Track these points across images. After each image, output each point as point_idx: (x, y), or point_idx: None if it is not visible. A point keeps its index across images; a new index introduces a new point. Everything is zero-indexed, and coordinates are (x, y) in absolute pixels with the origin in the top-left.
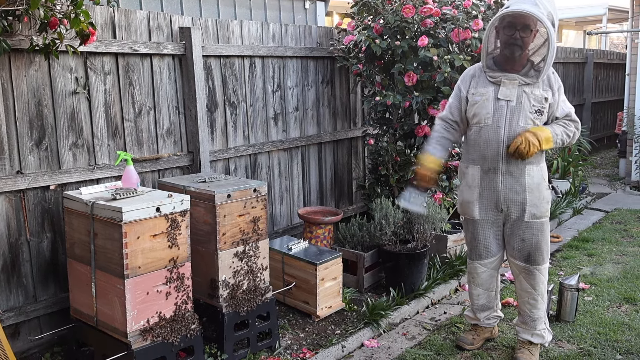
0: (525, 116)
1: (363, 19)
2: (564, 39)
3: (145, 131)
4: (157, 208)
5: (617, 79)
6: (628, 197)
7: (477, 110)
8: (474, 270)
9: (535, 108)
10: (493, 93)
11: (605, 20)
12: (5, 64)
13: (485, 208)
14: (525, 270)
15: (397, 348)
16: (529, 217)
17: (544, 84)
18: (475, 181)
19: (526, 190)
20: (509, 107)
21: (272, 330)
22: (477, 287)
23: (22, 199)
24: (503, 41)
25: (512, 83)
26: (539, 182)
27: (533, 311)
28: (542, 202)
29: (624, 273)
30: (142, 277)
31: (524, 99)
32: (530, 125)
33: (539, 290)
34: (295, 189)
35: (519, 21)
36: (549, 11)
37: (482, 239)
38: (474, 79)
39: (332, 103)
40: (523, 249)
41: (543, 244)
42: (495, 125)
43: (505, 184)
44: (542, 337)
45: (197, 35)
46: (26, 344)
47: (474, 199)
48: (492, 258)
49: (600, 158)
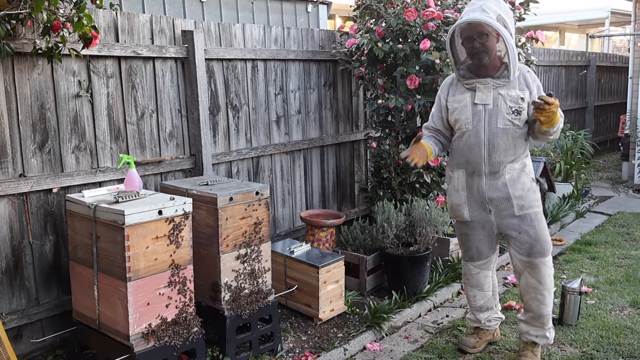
0: (503, 118)
1: (365, 22)
2: (567, 42)
3: (148, 134)
4: (160, 211)
5: (619, 82)
6: (631, 200)
7: (457, 116)
8: (468, 271)
9: (512, 109)
10: (470, 99)
11: (608, 24)
12: (8, 67)
13: (473, 210)
14: (529, 265)
15: (399, 351)
16: (518, 210)
17: (521, 84)
18: (461, 184)
19: (507, 184)
20: (486, 111)
21: (274, 333)
22: (473, 288)
23: (25, 201)
24: (468, 53)
25: (486, 87)
26: (519, 176)
27: (541, 307)
28: (528, 193)
29: (626, 276)
30: (144, 280)
31: (500, 101)
32: (509, 127)
33: (546, 284)
34: (298, 192)
35: (472, 31)
36: (498, 14)
37: (473, 240)
38: (451, 87)
39: (335, 106)
40: (523, 242)
41: (542, 234)
42: (476, 129)
43: (489, 184)
44: (546, 338)
45: (200, 39)
46: (29, 346)
47: (462, 202)
48: (484, 260)
49: (603, 161)
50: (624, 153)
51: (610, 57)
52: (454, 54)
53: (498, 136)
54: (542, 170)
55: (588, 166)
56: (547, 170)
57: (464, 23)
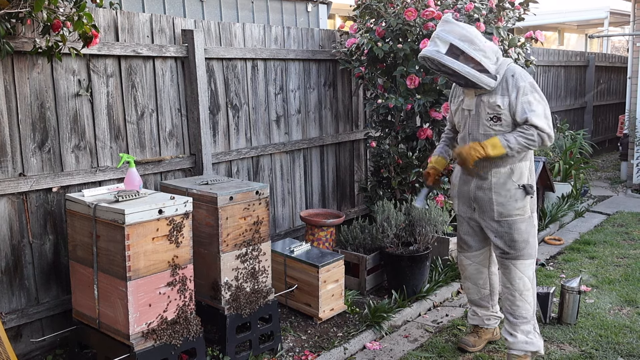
0: (482, 124)
1: (365, 21)
2: (566, 42)
3: (148, 133)
4: (160, 210)
5: (618, 82)
6: (629, 200)
7: (455, 117)
8: (461, 262)
9: (490, 116)
10: (461, 103)
11: (607, 24)
12: (8, 67)
13: (462, 204)
14: (502, 265)
15: (399, 350)
16: (498, 215)
17: (503, 89)
18: (456, 179)
19: (492, 189)
20: (470, 116)
21: (274, 332)
22: (466, 280)
23: (24, 201)
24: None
25: (470, 93)
26: (505, 182)
27: (513, 308)
28: (510, 201)
29: (625, 276)
30: (144, 279)
31: (481, 107)
32: (490, 132)
33: (516, 287)
34: (298, 192)
35: (430, 64)
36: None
37: (462, 233)
38: (456, 88)
39: (334, 106)
40: (498, 244)
41: (519, 240)
42: (463, 133)
43: (476, 184)
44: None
45: (200, 38)
46: (28, 346)
47: (454, 195)
48: (474, 252)
49: (601, 161)
50: (622, 153)
51: (609, 57)
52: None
53: (480, 141)
54: (541, 170)
55: (587, 166)
56: (546, 170)
57: (420, 57)
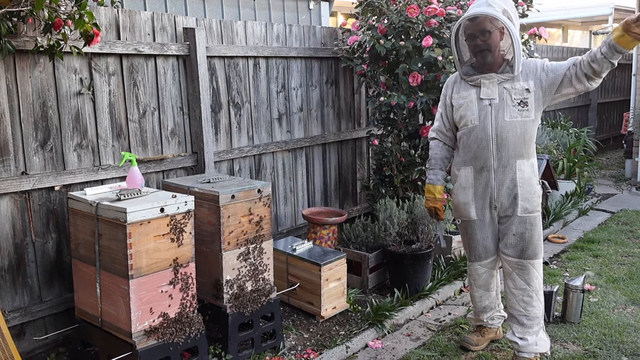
0: (509, 111)
1: (367, 19)
2: (570, 39)
3: (150, 132)
4: (162, 209)
5: (623, 79)
6: (634, 198)
7: (462, 113)
8: (475, 272)
9: (517, 101)
10: (475, 95)
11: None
12: (10, 65)
13: (480, 208)
14: (518, 266)
15: (401, 349)
16: (521, 211)
17: (524, 75)
18: (468, 182)
19: (517, 184)
20: (493, 106)
21: (276, 330)
22: (479, 288)
23: (27, 199)
24: (471, 51)
25: (491, 82)
26: (530, 177)
27: (528, 309)
28: (534, 197)
29: (629, 274)
30: (146, 278)
31: (506, 95)
32: (516, 119)
33: (534, 287)
34: (300, 190)
35: (476, 28)
36: (503, 8)
37: (480, 239)
38: (455, 85)
39: (337, 103)
40: (517, 244)
41: (536, 238)
42: (483, 124)
43: (497, 180)
44: (535, 346)
45: (202, 36)
46: (31, 344)
47: (469, 200)
48: (491, 257)
49: (606, 159)
50: (627, 150)
51: None
52: (457, 51)
53: (506, 129)
54: (545, 167)
55: (591, 164)
56: (550, 167)
57: (469, 17)
